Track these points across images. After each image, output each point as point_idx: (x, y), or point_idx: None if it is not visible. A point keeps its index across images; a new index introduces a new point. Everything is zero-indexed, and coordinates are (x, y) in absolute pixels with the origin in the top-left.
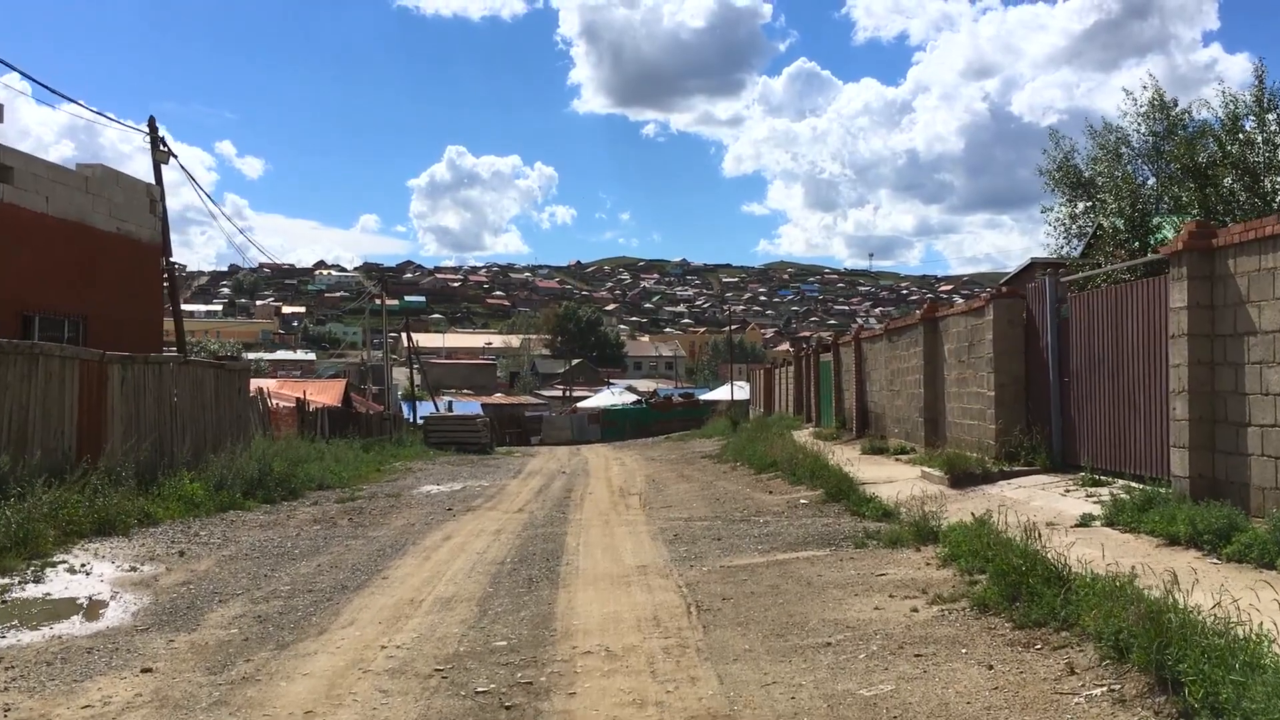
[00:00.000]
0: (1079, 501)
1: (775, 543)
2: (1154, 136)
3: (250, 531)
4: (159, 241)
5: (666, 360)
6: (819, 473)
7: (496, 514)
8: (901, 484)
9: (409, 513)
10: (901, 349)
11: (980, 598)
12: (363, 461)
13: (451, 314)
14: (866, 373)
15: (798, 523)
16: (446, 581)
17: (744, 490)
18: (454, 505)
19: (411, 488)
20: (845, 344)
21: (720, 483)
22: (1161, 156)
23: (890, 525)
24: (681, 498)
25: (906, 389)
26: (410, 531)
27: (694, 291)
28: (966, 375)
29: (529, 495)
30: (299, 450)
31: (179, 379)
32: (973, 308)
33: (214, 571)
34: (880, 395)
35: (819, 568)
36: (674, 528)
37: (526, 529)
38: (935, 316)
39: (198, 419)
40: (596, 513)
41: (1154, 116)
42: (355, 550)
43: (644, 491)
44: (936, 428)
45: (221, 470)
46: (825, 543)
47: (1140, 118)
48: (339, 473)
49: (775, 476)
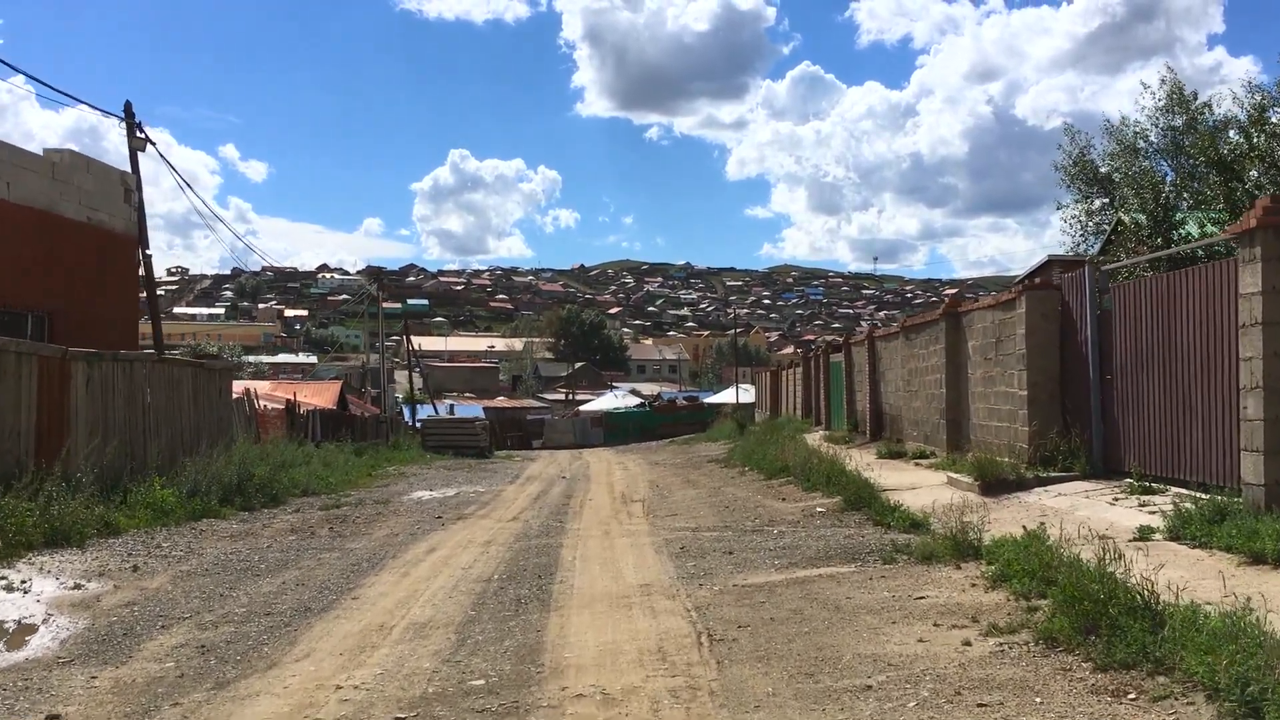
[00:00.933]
0: (1131, 512)
1: (794, 557)
2: (1172, 131)
3: (218, 543)
4: (134, 233)
5: (670, 363)
6: (836, 478)
7: (489, 523)
8: (926, 491)
9: (395, 521)
10: (920, 347)
11: (1046, 630)
12: (354, 466)
13: (454, 317)
14: (881, 373)
15: (816, 534)
16: (424, 603)
17: (754, 497)
18: (444, 513)
19: (402, 494)
20: (858, 343)
21: (728, 489)
22: (1181, 151)
23: (920, 538)
24: (688, 505)
25: (925, 389)
26: (392, 543)
27: (698, 295)
28: (994, 374)
29: (525, 502)
30: (285, 454)
31: (153, 378)
32: (1000, 301)
33: (166, 590)
34: (896, 396)
35: (846, 588)
36: (680, 539)
37: (519, 540)
38: (958, 311)
39: (173, 421)
40: (596, 521)
41: (1172, 111)
42: (328, 565)
43: (647, 498)
44: (959, 430)
45: (195, 476)
46: (850, 557)
47: (1158, 112)
48: (326, 478)
49: (787, 482)
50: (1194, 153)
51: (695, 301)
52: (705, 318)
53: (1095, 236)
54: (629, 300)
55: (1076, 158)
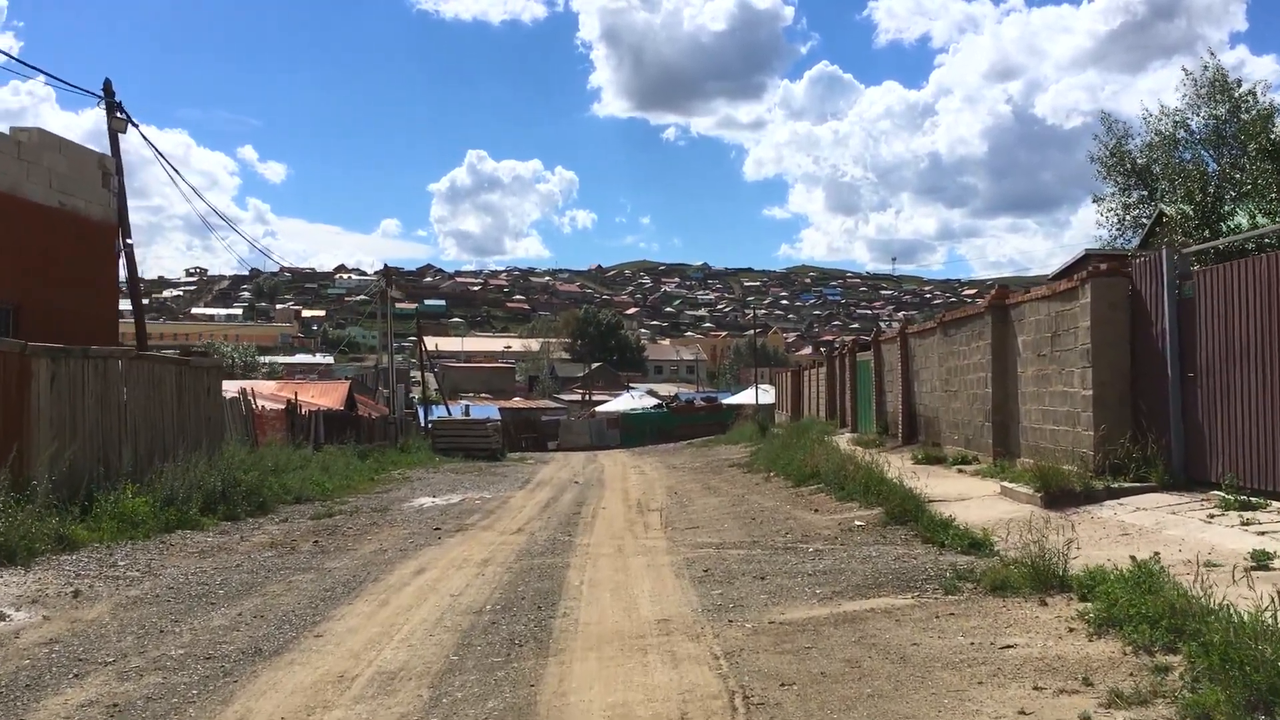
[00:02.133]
0: (1234, 532)
1: (838, 584)
2: (1215, 120)
3: (184, 560)
4: (114, 220)
5: (688, 364)
6: (875, 487)
7: (490, 536)
8: (978, 503)
9: (388, 533)
10: (960, 344)
11: (1194, 704)
12: (355, 470)
13: (471, 318)
14: (914, 372)
15: (859, 553)
16: (399, 643)
17: (783, 507)
18: (444, 523)
19: (403, 500)
20: (888, 341)
21: (753, 497)
22: (1224, 141)
23: (984, 561)
24: (709, 516)
25: (967, 389)
26: (378, 561)
27: (715, 296)
28: (1048, 371)
29: (533, 511)
30: (280, 458)
31: (130, 376)
32: (1057, 290)
33: (102, 622)
34: (932, 397)
35: (909, 629)
36: (703, 558)
37: (521, 558)
38: (1006, 304)
39: (154, 423)
40: (609, 535)
41: (1215, 99)
42: (298, 590)
43: (665, 507)
44: (1007, 434)
45: (172, 482)
46: (904, 585)
47: (1200, 99)
48: (323, 483)
49: (819, 490)
50: (1243, 140)
51: (713, 302)
52: (723, 318)
53: (1133, 230)
54: (646, 301)
55: (1113, 149)
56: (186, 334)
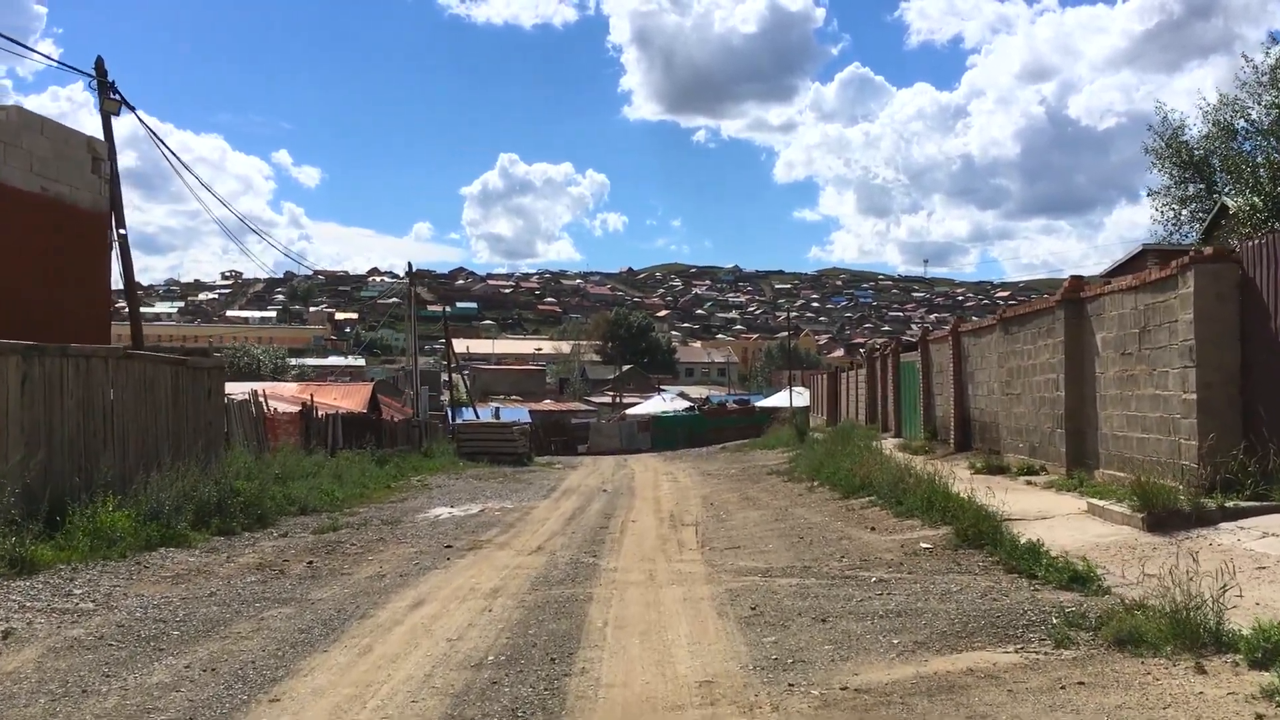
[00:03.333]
0: None
1: (918, 630)
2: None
3: (152, 586)
4: (105, 209)
5: (719, 366)
6: (939, 503)
7: (505, 556)
8: (1062, 522)
9: (393, 551)
10: (1025, 342)
11: None
12: (372, 477)
13: (503, 320)
14: (969, 373)
15: (935, 586)
16: (371, 712)
17: (833, 524)
18: (458, 539)
19: (418, 511)
20: (937, 340)
21: (798, 510)
22: None
23: (1094, 600)
24: (751, 532)
25: (1032, 392)
26: (373, 590)
27: (746, 298)
28: (1137, 372)
29: (556, 525)
30: (290, 465)
31: (118, 378)
32: (1148, 281)
33: (21, 674)
34: (990, 400)
35: (1029, 706)
36: (749, 589)
37: (537, 588)
38: (1082, 297)
39: (145, 428)
40: (639, 557)
41: (1277, 86)
42: (268, 630)
43: (701, 521)
44: (1082, 442)
45: (157, 494)
46: (1001, 633)
47: (1260, 86)
48: (333, 492)
49: (872, 504)
50: None
51: (744, 304)
52: (754, 321)
53: (1190, 224)
54: (677, 303)
55: (1169, 140)
56: (221, 336)
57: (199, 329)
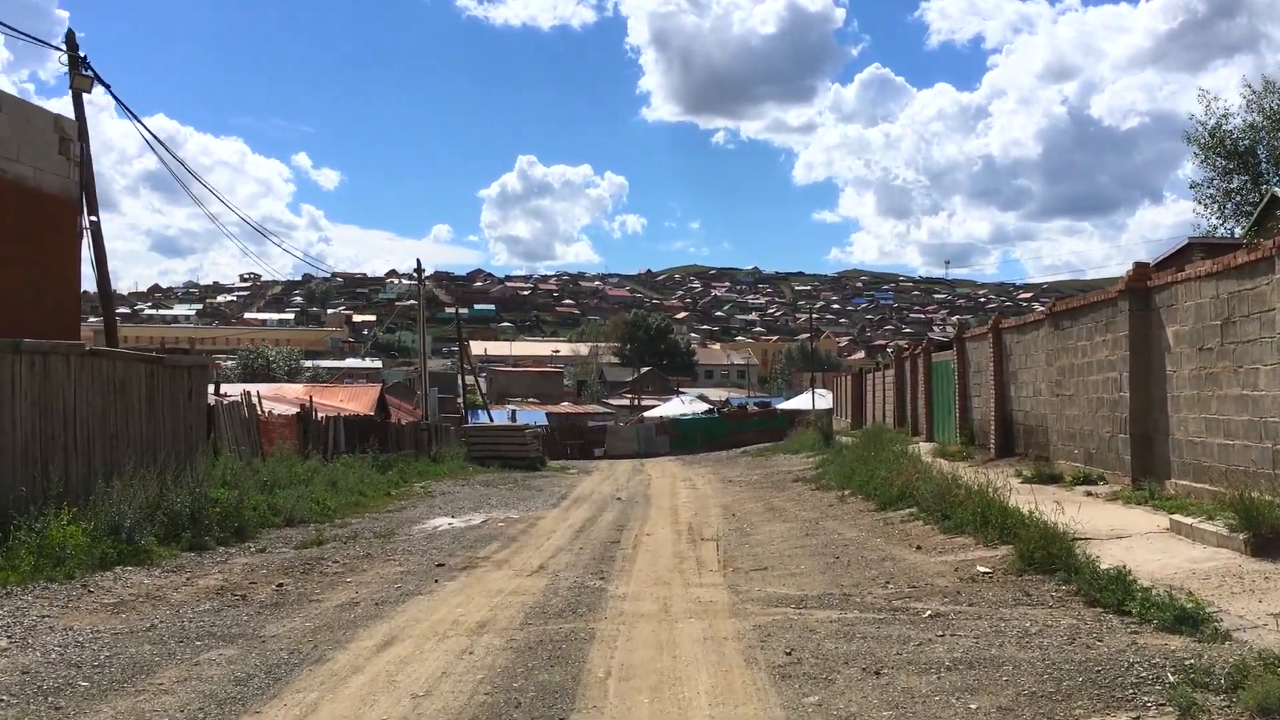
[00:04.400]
0: None
1: (998, 688)
2: None
3: (88, 616)
4: (75, 194)
5: (739, 368)
6: (993, 518)
7: (501, 578)
8: (1142, 543)
9: (377, 571)
10: (1078, 338)
11: None
12: (371, 484)
13: (521, 322)
14: (1011, 373)
15: (1007, 624)
16: None
17: (871, 540)
18: (452, 555)
19: (415, 521)
20: (976, 338)
21: (829, 524)
22: None
23: (1215, 649)
24: (779, 550)
25: (1087, 393)
26: (340, 623)
27: (765, 300)
28: (1219, 370)
29: (563, 538)
30: (279, 472)
31: (83, 377)
32: (1233, 265)
33: None
34: (1036, 402)
35: None
36: (781, 626)
37: (531, 621)
38: (1148, 286)
39: (114, 433)
40: (652, 579)
41: None
42: (198, 680)
43: (722, 535)
44: (1150, 449)
45: (119, 505)
46: (1105, 695)
47: None
48: (324, 501)
49: (913, 518)
50: None
51: (763, 306)
52: (773, 322)
53: (1236, 217)
54: (696, 305)
55: (1213, 130)
56: (239, 338)
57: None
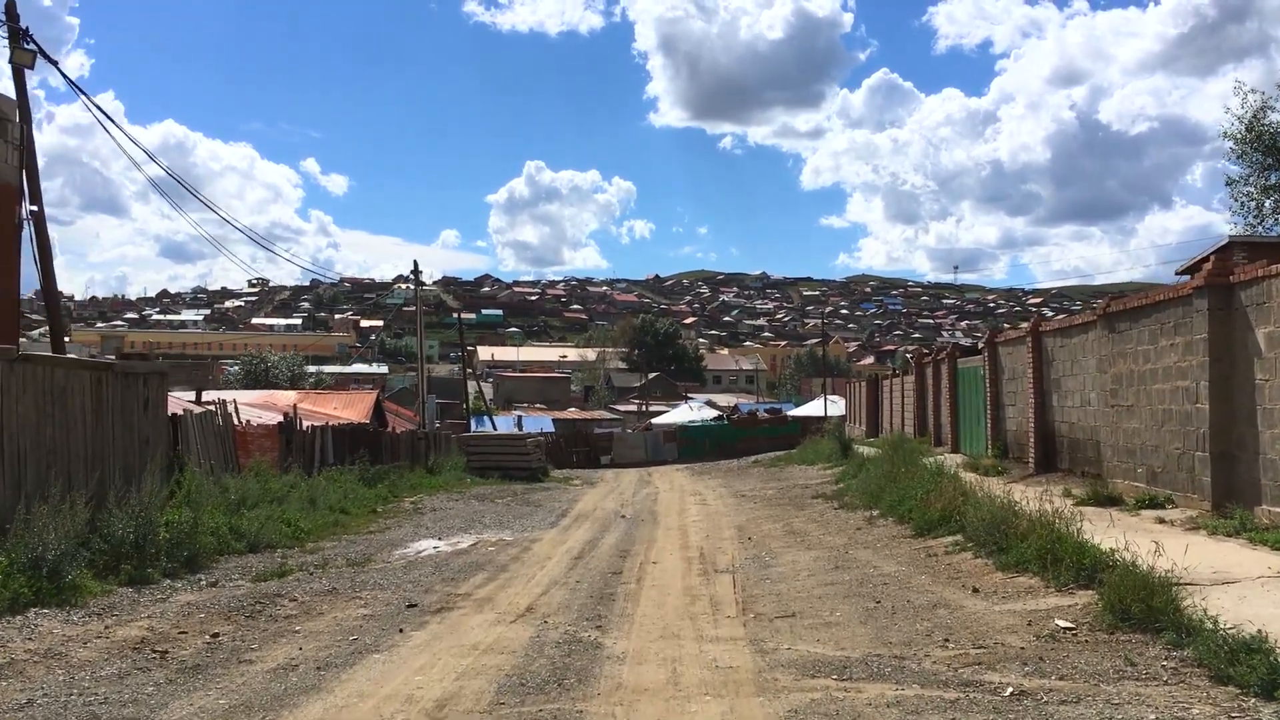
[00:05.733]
0: None
1: None
2: None
3: None
4: (14, 180)
5: (747, 374)
6: (1066, 554)
7: (479, 625)
8: (1256, 591)
9: (334, 615)
10: (1140, 341)
11: None
12: (356, 500)
13: (528, 327)
14: (1054, 380)
15: (1118, 712)
16: None
17: (915, 576)
18: (428, 593)
19: (397, 545)
20: (1011, 342)
21: (861, 553)
22: None
23: None
24: (806, 587)
25: (1152, 403)
26: (259, 702)
27: (774, 305)
28: None
29: (558, 568)
30: (248, 489)
31: (11, 385)
32: None
33: None
34: (1084, 413)
35: None
36: (821, 711)
37: (504, 698)
38: (1232, 282)
39: (53, 448)
40: (659, 630)
41: None
42: None
43: (739, 565)
44: (1233, 469)
45: (41, 534)
46: None
47: None
48: (296, 523)
49: (959, 549)
50: None
51: (771, 312)
52: (782, 328)
53: (1275, 215)
54: (704, 310)
55: (1250, 123)
56: (246, 343)
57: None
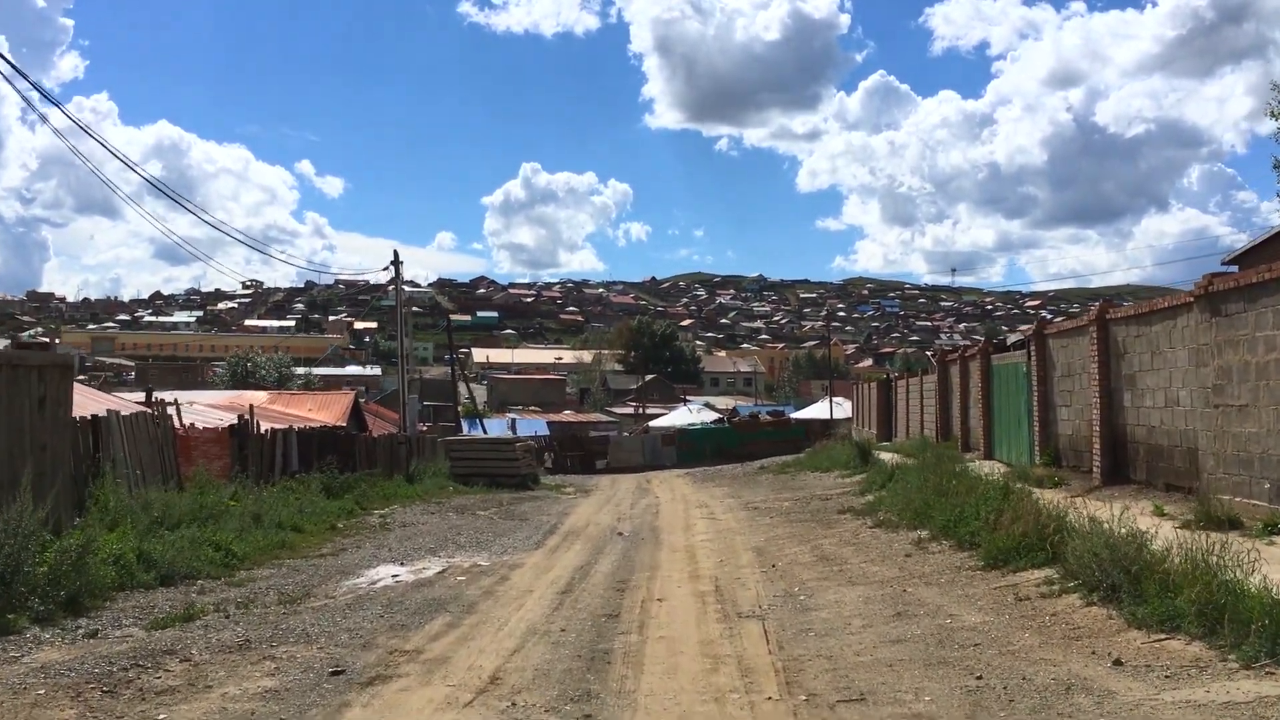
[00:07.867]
0: None
1: None
2: None
3: None
4: None
5: (745, 376)
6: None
7: (422, 706)
8: None
9: (226, 691)
10: (1255, 326)
11: None
12: (314, 514)
13: (524, 330)
14: (1126, 376)
15: None
16: None
17: (1012, 632)
18: (366, 649)
19: (349, 572)
20: (1064, 334)
21: (922, 590)
22: None
23: None
24: (866, 645)
25: (1276, 403)
26: None
27: (771, 307)
28: None
29: (539, 609)
30: (180, 504)
31: None
32: None
33: None
34: (1171, 414)
35: None
36: None
37: None
38: None
39: None
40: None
41: None
42: None
43: (768, 607)
44: None
45: None
46: None
47: None
48: (228, 546)
49: (1056, 588)
50: None
51: (769, 314)
52: (779, 330)
53: None
54: (701, 313)
55: None
56: (238, 345)
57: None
